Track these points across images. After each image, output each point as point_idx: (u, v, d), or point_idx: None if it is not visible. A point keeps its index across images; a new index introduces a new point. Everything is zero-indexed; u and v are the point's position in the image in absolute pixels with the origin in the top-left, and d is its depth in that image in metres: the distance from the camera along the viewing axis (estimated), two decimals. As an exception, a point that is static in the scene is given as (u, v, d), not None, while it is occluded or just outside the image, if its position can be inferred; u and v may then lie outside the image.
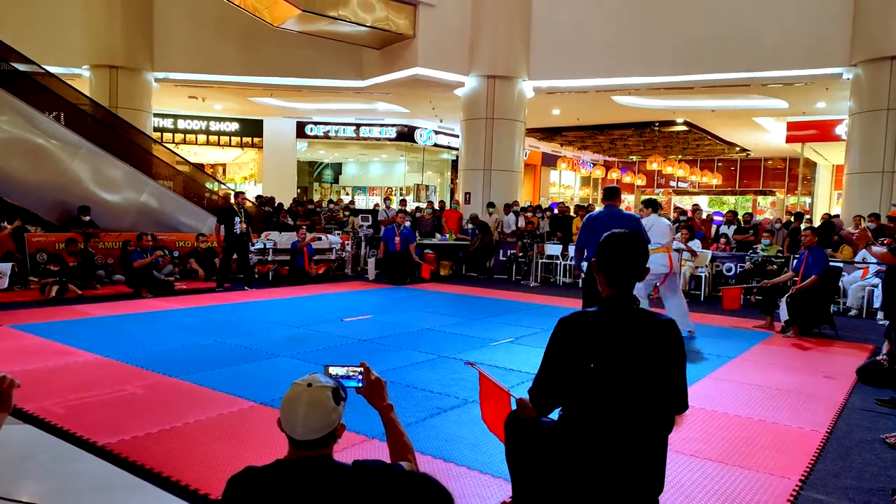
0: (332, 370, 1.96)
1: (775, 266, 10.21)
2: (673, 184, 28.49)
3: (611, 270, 2.21)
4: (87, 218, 10.45)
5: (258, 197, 17.59)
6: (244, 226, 10.07)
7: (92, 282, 9.53)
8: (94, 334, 6.36)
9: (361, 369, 2.02)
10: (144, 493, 2.96)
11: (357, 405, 2.21)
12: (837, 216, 12.63)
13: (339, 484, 1.64)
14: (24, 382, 4.80)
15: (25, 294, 8.80)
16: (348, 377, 1.99)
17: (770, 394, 5.00)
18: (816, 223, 13.36)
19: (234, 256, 10.25)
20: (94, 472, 3.16)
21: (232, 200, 10.73)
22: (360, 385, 2.01)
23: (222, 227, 10.01)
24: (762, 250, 10.99)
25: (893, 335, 5.36)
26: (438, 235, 14.03)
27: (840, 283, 9.34)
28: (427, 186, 24.58)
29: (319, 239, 12.29)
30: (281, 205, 15.91)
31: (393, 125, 21.78)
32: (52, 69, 12.22)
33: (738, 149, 24.44)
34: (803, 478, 3.36)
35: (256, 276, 11.36)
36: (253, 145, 22.22)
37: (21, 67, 11.02)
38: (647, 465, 2.16)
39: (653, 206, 7.59)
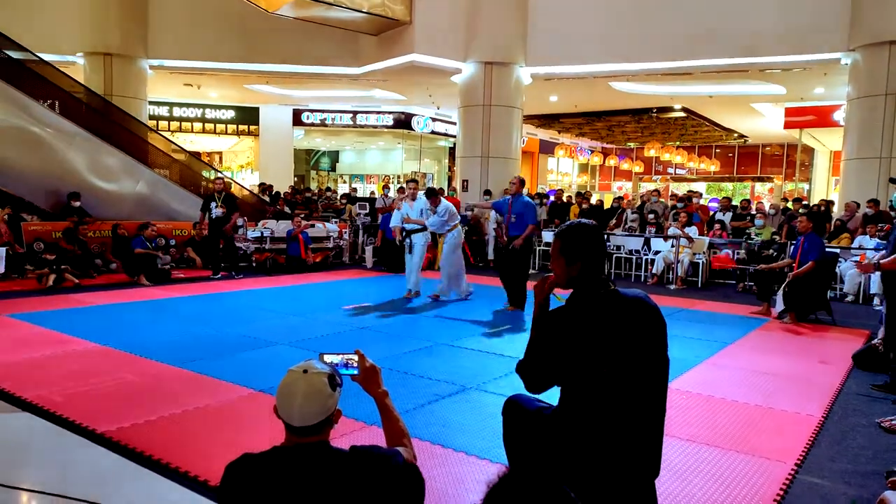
0: (328, 358, 1.96)
1: (771, 252, 10.21)
2: (671, 170, 28.46)
3: (591, 259, 2.18)
4: (77, 204, 10.39)
5: (261, 184, 17.50)
6: (222, 209, 9.91)
7: (89, 270, 9.53)
8: (92, 323, 6.36)
9: (356, 357, 2.02)
10: (144, 480, 2.97)
11: (356, 392, 2.21)
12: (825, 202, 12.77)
13: (336, 469, 1.64)
14: (22, 371, 4.79)
15: (23, 283, 8.79)
16: (343, 365, 1.99)
17: (766, 379, 5.02)
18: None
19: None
20: (94, 460, 3.17)
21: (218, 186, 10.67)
22: (355, 372, 2.01)
23: (205, 214, 10.02)
24: (755, 234, 10.98)
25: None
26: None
27: (837, 269, 9.36)
28: (424, 174, 24.52)
29: (313, 226, 12.25)
30: (278, 193, 15.86)
31: (390, 112, 21.67)
32: (46, 57, 12.13)
33: (735, 135, 24.39)
34: (799, 462, 3.39)
35: (254, 264, 11.34)
36: (249, 133, 22.11)
37: (14, 55, 10.94)
38: (644, 449, 2.17)
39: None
